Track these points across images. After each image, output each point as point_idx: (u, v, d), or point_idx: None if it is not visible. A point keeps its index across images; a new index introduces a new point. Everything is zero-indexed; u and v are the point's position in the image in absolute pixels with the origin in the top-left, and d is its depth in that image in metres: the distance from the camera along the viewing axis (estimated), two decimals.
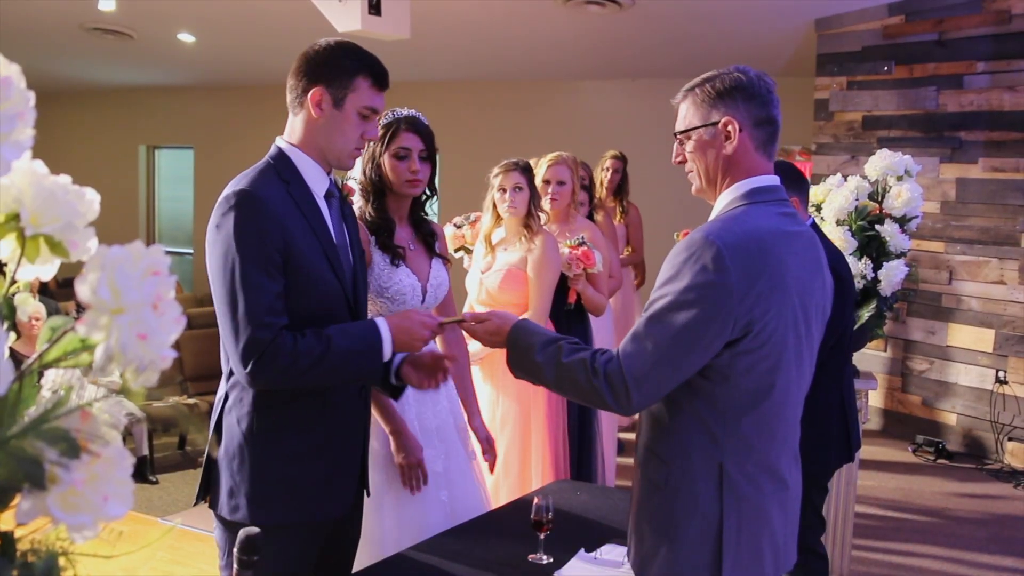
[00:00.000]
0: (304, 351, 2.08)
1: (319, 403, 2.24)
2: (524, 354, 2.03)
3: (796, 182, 3.46)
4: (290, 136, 2.25)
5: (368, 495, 2.52)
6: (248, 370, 2.06)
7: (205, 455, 2.26)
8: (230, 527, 2.21)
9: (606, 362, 1.88)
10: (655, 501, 1.95)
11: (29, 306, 4.19)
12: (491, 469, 3.21)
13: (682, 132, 2.04)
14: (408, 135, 2.81)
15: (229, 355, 2.11)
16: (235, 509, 2.20)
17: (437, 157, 2.92)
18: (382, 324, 2.19)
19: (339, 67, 2.19)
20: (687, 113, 2.03)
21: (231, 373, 2.20)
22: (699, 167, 2.02)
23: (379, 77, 2.23)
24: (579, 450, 4.14)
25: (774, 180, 2.00)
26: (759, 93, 1.98)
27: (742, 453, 1.91)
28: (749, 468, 1.92)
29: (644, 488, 1.99)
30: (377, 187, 2.87)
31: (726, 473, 1.89)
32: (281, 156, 2.22)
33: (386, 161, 2.82)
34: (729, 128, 1.96)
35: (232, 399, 2.22)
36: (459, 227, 4.36)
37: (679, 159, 2.07)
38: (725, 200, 1.99)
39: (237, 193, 2.09)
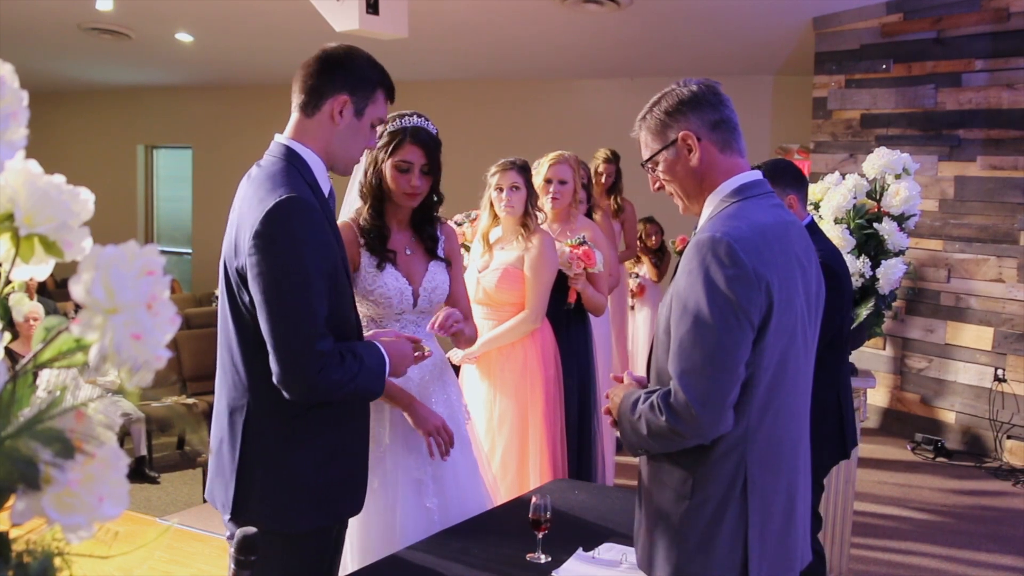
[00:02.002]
0: (348, 365, 2.10)
1: (342, 405, 2.25)
2: (624, 430, 2.02)
3: (795, 180, 3.46)
4: (299, 136, 2.20)
5: None
6: (307, 382, 2.05)
7: (235, 472, 2.19)
8: (269, 536, 2.20)
9: (664, 396, 1.88)
10: (680, 512, 1.95)
11: (25, 306, 4.18)
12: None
13: (648, 160, 2.07)
14: (412, 148, 2.76)
15: (281, 365, 2.05)
16: (273, 515, 2.17)
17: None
18: (380, 346, 2.24)
19: (365, 78, 2.19)
20: (646, 141, 2.08)
21: (250, 383, 2.16)
22: (676, 187, 2.07)
23: (392, 90, 2.26)
24: (579, 449, 4.14)
25: (756, 175, 2.04)
26: (705, 99, 2.01)
27: (764, 450, 1.92)
28: (771, 465, 1.94)
29: (664, 498, 1.98)
30: (377, 192, 2.85)
31: (751, 475, 1.91)
32: (296, 158, 2.18)
33: (388, 170, 2.79)
34: (688, 141, 2.00)
35: (256, 409, 2.17)
36: (459, 225, 4.35)
37: (657, 186, 2.11)
38: (714, 202, 2.01)
39: (293, 201, 2.04)
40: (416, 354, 2.41)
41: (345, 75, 2.18)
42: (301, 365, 2.04)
